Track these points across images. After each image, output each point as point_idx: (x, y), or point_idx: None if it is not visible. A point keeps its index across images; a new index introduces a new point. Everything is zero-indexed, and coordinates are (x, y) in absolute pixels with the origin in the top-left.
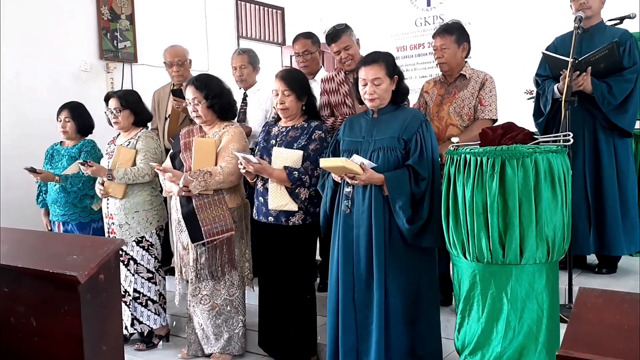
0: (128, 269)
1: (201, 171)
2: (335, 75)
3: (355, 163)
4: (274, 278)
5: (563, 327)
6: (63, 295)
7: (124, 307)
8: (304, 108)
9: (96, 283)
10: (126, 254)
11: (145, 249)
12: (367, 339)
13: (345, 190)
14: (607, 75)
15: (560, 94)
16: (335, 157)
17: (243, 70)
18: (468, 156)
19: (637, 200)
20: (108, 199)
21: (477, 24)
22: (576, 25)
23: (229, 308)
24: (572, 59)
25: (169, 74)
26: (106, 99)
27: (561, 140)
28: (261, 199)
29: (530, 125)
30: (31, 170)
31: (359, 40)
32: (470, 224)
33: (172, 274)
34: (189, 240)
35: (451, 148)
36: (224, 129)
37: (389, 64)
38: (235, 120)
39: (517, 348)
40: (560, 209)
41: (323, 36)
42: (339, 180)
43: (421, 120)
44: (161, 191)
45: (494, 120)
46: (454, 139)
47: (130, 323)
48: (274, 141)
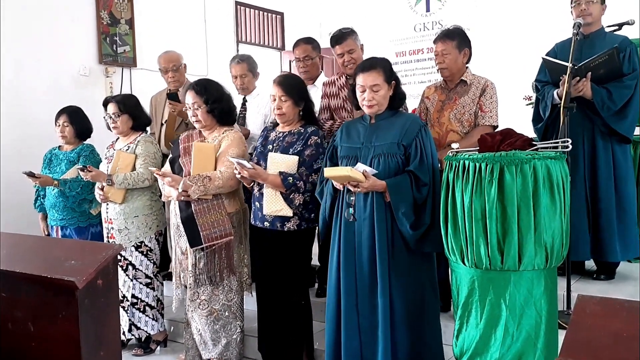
0: (126, 274)
1: (200, 176)
2: (337, 79)
3: (359, 171)
4: (270, 283)
5: (561, 334)
6: (61, 301)
7: (122, 313)
8: (302, 113)
9: (94, 288)
10: (125, 259)
11: (144, 254)
12: (372, 345)
13: (348, 198)
14: (607, 81)
15: (560, 99)
16: (340, 167)
17: (244, 79)
18: (467, 162)
19: (637, 207)
20: (107, 204)
21: (477, 30)
22: (575, 31)
23: (227, 313)
24: (572, 65)
25: (164, 79)
26: (104, 104)
27: (560, 147)
28: (257, 204)
29: (529, 131)
30: (30, 174)
31: (363, 46)
32: (468, 230)
33: (170, 279)
34: (187, 245)
35: (450, 154)
36: (223, 133)
37: (386, 69)
38: (235, 124)
39: (516, 354)
40: (559, 216)
41: (327, 40)
42: (340, 188)
43: (420, 126)
44: (160, 196)
45: (495, 127)
46: (454, 145)
47: (128, 328)
48: (271, 146)
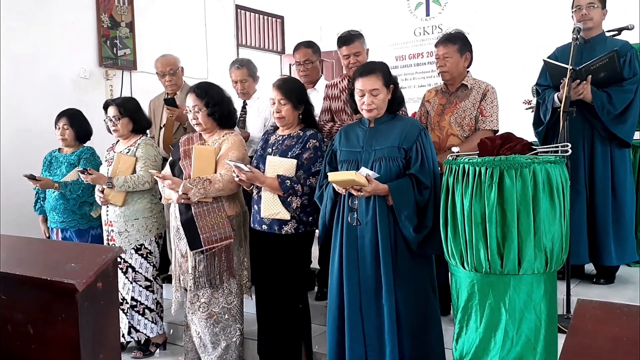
0: (126, 277)
1: (201, 179)
2: (339, 81)
3: (361, 175)
4: (269, 286)
5: (561, 338)
6: (61, 303)
7: (121, 315)
8: (301, 117)
9: (94, 291)
10: (125, 262)
11: (144, 256)
12: (378, 349)
13: (351, 202)
14: (607, 85)
15: (561, 102)
16: (344, 171)
17: (244, 84)
18: (467, 166)
19: (635, 211)
20: (107, 206)
21: (476, 34)
22: (574, 36)
23: (226, 316)
24: (571, 68)
25: (162, 83)
26: (105, 107)
27: (560, 151)
28: (256, 207)
29: (529, 135)
30: (31, 177)
31: (368, 50)
32: (468, 234)
33: (170, 282)
34: (187, 247)
35: (450, 158)
36: (223, 136)
37: (385, 74)
38: (235, 127)
39: (515, 358)
40: (559, 220)
41: (327, 43)
42: (342, 192)
43: (420, 129)
44: (161, 198)
45: (495, 131)
46: (454, 149)
47: (128, 331)
48: (270, 150)
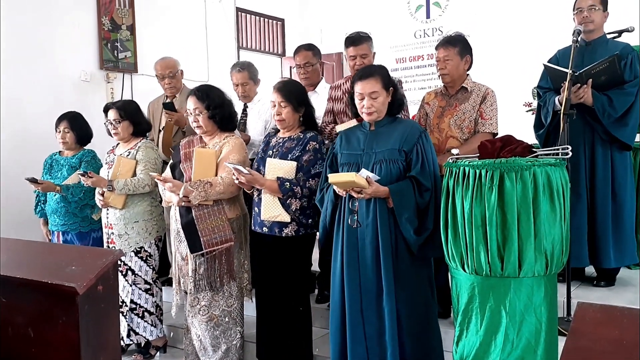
0: (126, 280)
1: (201, 181)
2: (343, 83)
3: (362, 177)
4: (269, 289)
5: (561, 340)
6: (61, 306)
7: (120, 318)
8: (302, 119)
9: (95, 294)
10: (124, 264)
11: (144, 259)
12: (379, 351)
13: (352, 204)
14: (608, 88)
15: (561, 105)
16: (345, 173)
17: (245, 87)
18: (467, 169)
19: (635, 214)
20: (107, 209)
21: (477, 37)
22: (575, 38)
23: (227, 319)
24: (572, 72)
25: (161, 86)
26: (105, 110)
27: (560, 154)
28: (256, 209)
29: (529, 138)
30: (32, 180)
31: (375, 54)
32: (469, 237)
33: (170, 285)
34: (187, 250)
35: (450, 160)
36: (224, 139)
37: (384, 76)
38: (236, 131)
39: None
40: (559, 222)
41: (327, 46)
42: (343, 194)
43: (420, 131)
44: (161, 201)
45: (495, 134)
46: (453, 151)
47: (127, 334)
48: (271, 152)
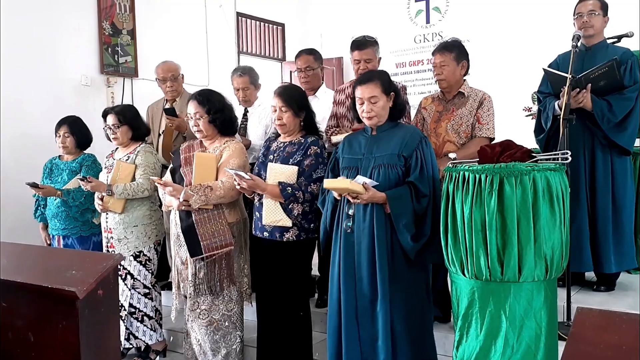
0: (125, 284)
1: (202, 185)
2: (347, 87)
3: (358, 183)
4: (270, 294)
5: (561, 345)
6: (61, 311)
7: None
8: (303, 124)
9: (95, 298)
10: (124, 269)
11: (143, 264)
12: (373, 356)
13: (348, 211)
14: (608, 93)
15: (561, 110)
16: (340, 178)
17: (246, 91)
18: (467, 173)
19: (635, 219)
20: (107, 213)
21: (476, 41)
22: (574, 43)
23: (227, 323)
24: (571, 76)
25: (162, 89)
26: (104, 115)
27: (560, 158)
28: (257, 213)
29: (529, 142)
30: (33, 185)
31: (380, 59)
32: (469, 241)
33: (169, 289)
34: (187, 254)
35: (450, 165)
36: (224, 144)
37: (384, 81)
38: (236, 135)
39: None
40: (559, 227)
41: (327, 51)
42: (338, 197)
43: (420, 137)
44: (160, 206)
45: (491, 139)
46: (451, 155)
47: (127, 338)
48: (272, 157)
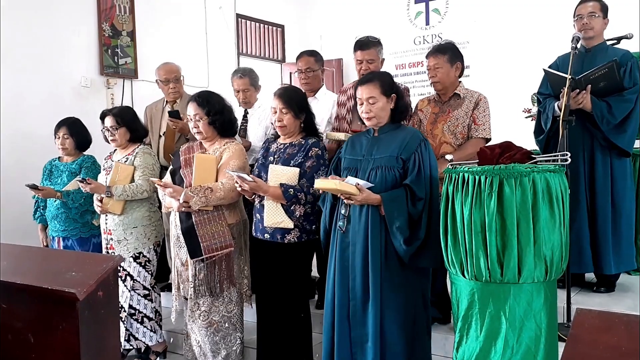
0: (125, 285)
1: (202, 187)
2: (350, 88)
3: (351, 184)
4: (270, 295)
5: (561, 346)
6: (61, 312)
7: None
8: (303, 125)
9: (95, 300)
10: (123, 270)
11: (142, 265)
12: (363, 357)
13: (341, 210)
14: (607, 95)
15: (561, 111)
16: (329, 179)
17: (246, 93)
18: (466, 175)
19: (635, 220)
20: (106, 215)
21: (476, 43)
22: (573, 45)
23: (227, 325)
24: (571, 77)
25: (163, 91)
26: (102, 117)
27: (559, 160)
28: (258, 215)
29: (529, 144)
30: (33, 187)
31: (384, 60)
32: (468, 243)
33: (169, 291)
34: (187, 256)
35: (449, 167)
36: (224, 145)
37: (384, 82)
38: (236, 136)
39: None
40: (558, 228)
41: (327, 52)
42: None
43: (420, 140)
44: (159, 207)
45: (488, 140)
46: (447, 157)
47: (127, 339)
48: (272, 158)
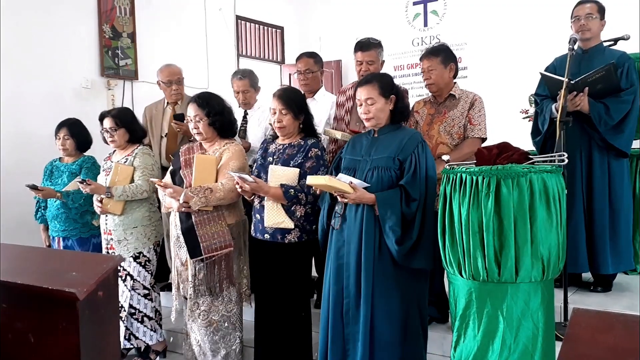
0: (125, 285)
1: (202, 187)
2: (349, 89)
3: (344, 182)
4: (270, 295)
5: (558, 345)
6: (61, 312)
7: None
8: (301, 126)
9: (95, 300)
10: (123, 270)
11: (142, 265)
12: (354, 355)
13: (336, 207)
14: (605, 96)
15: (558, 113)
16: (320, 175)
17: (246, 94)
18: (464, 175)
19: (632, 220)
20: (106, 215)
21: (474, 44)
22: (570, 46)
23: (226, 324)
24: (568, 80)
25: (166, 92)
26: (101, 119)
27: (556, 160)
28: (258, 216)
29: (526, 145)
30: (33, 187)
31: (384, 62)
32: (466, 243)
33: (169, 290)
34: (187, 256)
35: (447, 167)
36: (224, 146)
37: (383, 83)
38: (236, 137)
39: None
40: (556, 228)
41: (327, 54)
42: (318, 193)
43: (418, 141)
44: (159, 207)
45: (484, 139)
46: (444, 157)
47: (127, 338)
48: (271, 159)
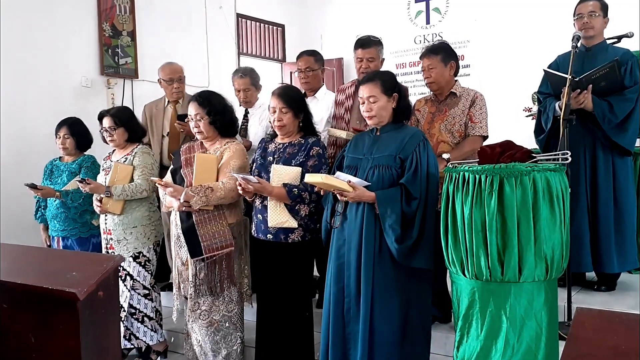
0: (125, 285)
1: (202, 186)
2: (349, 87)
3: (342, 180)
4: (272, 295)
5: (562, 345)
6: (62, 312)
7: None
8: (301, 124)
9: (95, 300)
10: (123, 269)
11: (142, 264)
12: (355, 354)
13: (337, 206)
14: (608, 94)
15: (561, 111)
16: (319, 174)
17: (247, 92)
18: (467, 174)
19: (637, 219)
20: (106, 215)
21: (476, 42)
22: (574, 44)
23: (227, 324)
24: (571, 77)
25: (167, 90)
26: (100, 118)
27: (560, 159)
28: (260, 216)
29: (529, 143)
30: (32, 186)
31: (384, 60)
32: (469, 242)
33: (170, 290)
34: (188, 255)
35: (449, 166)
36: (225, 145)
37: (385, 82)
38: (237, 136)
39: None
40: (559, 227)
41: (328, 52)
42: (322, 193)
43: (420, 140)
44: (159, 207)
45: (485, 137)
46: (444, 155)
47: (127, 338)
48: (272, 158)
